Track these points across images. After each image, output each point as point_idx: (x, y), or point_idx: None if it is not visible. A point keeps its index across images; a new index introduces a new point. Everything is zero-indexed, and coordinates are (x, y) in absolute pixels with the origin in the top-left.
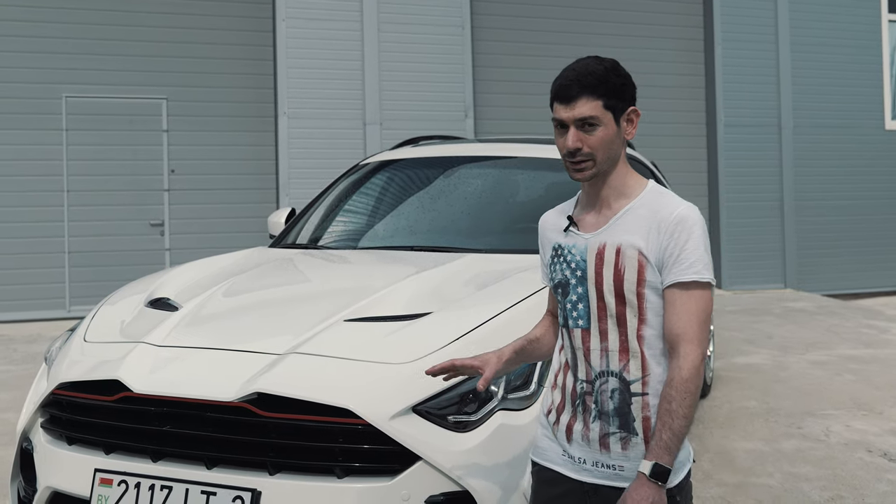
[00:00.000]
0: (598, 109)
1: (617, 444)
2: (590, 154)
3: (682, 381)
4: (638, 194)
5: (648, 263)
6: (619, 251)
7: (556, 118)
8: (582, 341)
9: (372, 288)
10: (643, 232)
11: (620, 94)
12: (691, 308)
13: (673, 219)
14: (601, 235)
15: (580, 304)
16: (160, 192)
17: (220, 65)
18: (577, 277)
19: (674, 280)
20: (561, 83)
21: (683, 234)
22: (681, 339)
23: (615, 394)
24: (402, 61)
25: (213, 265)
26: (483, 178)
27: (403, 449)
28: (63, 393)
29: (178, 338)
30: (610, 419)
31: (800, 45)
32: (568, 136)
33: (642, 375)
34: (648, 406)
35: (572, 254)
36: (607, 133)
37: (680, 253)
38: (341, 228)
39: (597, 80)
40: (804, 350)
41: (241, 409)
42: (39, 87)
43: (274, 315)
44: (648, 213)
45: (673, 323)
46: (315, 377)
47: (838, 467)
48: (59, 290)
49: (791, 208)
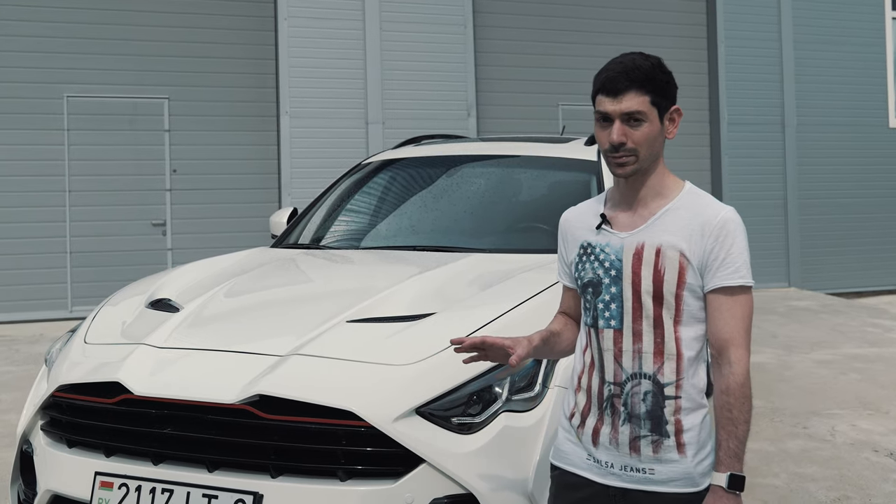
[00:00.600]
0: (646, 105)
1: (648, 447)
2: (633, 149)
3: (738, 387)
4: (676, 195)
5: (690, 266)
6: (660, 252)
7: (601, 111)
8: (613, 342)
9: (374, 288)
10: (684, 233)
11: (666, 92)
12: (737, 312)
13: (717, 222)
14: (639, 235)
15: (613, 305)
16: (162, 192)
17: (221, 64)
18: (610, 277)
19: (720, 284)
20: (608, 76)
21: (728, 237)
22: (730, 343)
23: (648, 396)
24: (405, 60)
25: (214, 265)
26: (486, 177)
27: (407, 451)
28: (63, 395)
29: (180, 339)
30: (641, 422)
31: (803, 42)
32: (613, 129)
33: (676, 378)
34: (681, 409)
35: (606, 252)
36: (652, 129)
37: (726, 257)
38: (344, 228)
39: (644, 75)
40: (809, 349)
41: (242, 412)
42: (41, 87)
43: (276, 316)
44: (689, 214)
45: (720, 328)
46: (317, 379)
47: (844, 467)
48: (61, 291)
49: (795, 207)
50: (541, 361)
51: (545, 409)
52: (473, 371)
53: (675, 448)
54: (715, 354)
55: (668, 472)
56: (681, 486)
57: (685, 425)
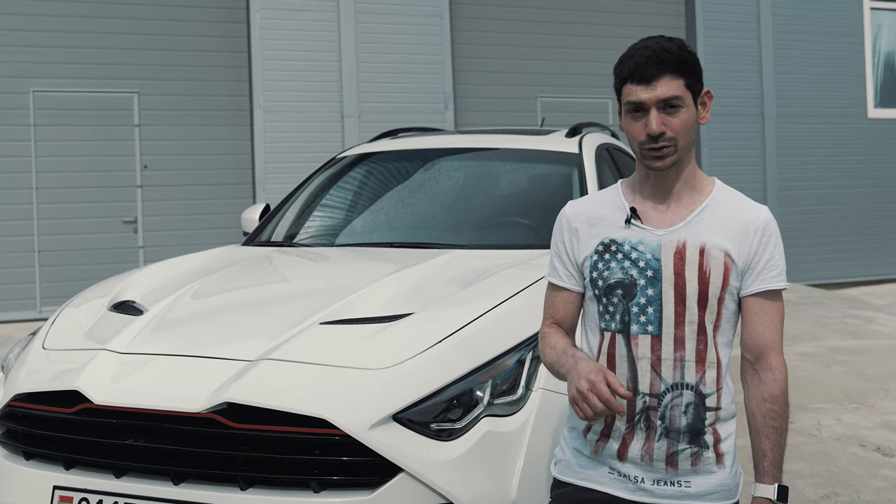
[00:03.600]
0: (681, 89)
1: (686, 460)
2: (673, 139)
3: (782, 394)
4: (710, 191)
5: (734, 267)
6: (704, 252)
7: (633, 101)
8: (651, 349)
9: (349, 288)
10: (727, 233)
11: (697, 74)
12: (776, 317)
13: (761, 223)
14: (679, 233)
15: (650, 308)
16: (133, 189)
17: (193, 57)
18: (647, 278)
19: (763, 288)
20: (636, 62)
21: (772, 239)
22: (770, 349)
23: (689, 408)
24: (380, 52)
25: (181, 265)
26: (465, 170)
27: (384, 460)
28: (20, 405)
29: (143, 344)
30: (680, 436)
31: (782, 33)
32: (650, 118)
33: (717, 388)
34: (720, 419)
35: (639, 251)
36: (689, 115)
37: (769, 259)
38: (318, 225)
39: (676, 57)
40: (791, 342)
41: (209, 421)
42: (5, 82)
43: (245, 318)
44: (730, 213)
45: (760, 333)
46: (288, 385)
47: (831, 463)
48: (28, 291)
49: (774, 198)
50: (523, 363)
51: (529, 412)
52: (453, 374)
53: (715, 459)
54: (752, 360)
55: (706, 485)
56: (718, 498)
57: (722, 434)
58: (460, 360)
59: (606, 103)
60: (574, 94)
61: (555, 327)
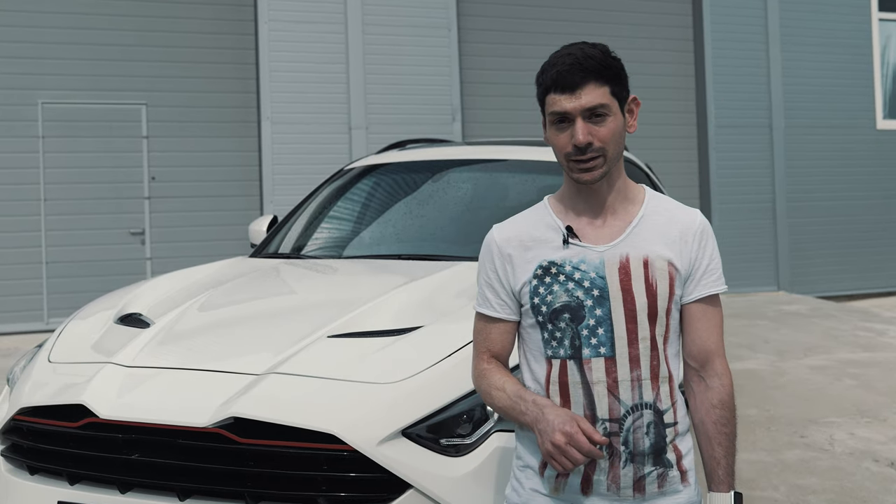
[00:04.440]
0: (607, 97)
1: (653, 483)
2: (601, 149)
3: (730, 399)
4: (643, 200)
5: (678, 276)
6: (648, 264)
7: (557, 111)
8: (606, 372)
9: (358, 300)
10: (668, 241)
11: (622, 81)
12: (717, 321)
13: (697, 227)
14: (620, 247)
15: (600, 329)
16: (140, 200)
17: (201, 69)
18: (593, 298)
19: (705, 293)
20: (560, 70)
21: (710, 242)
22: (715, 354)
23: (651, 429)
24: (388, 64)
25: (188, 277)
26: (473, 182)
27: (393, 476)
28: (24, 419)
29: (149, 357)
30: (645, 458)
31: (790, 44)
32: (576, 129)
33: (672, 402)
34: (678, 434)
35: (582, 270)
36: (617, 124)
37: (709, 263)
38: (325, 236)
39: (599, 64)
40: (802, 355)
41: (216, 436)
42: (14, 93)
43: (252, 331)
44: (666, 220)
45: (705, 339)
46: (296, 399)
47: (845, 478)
48: (36, 302)
49: (783, 209)
50: None
51: None
52: (463, 389)
53: (679, 478)
54: (697, 367)
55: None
56: None
57: (683, 451)
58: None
59: None
60: None
61: (494, 363)
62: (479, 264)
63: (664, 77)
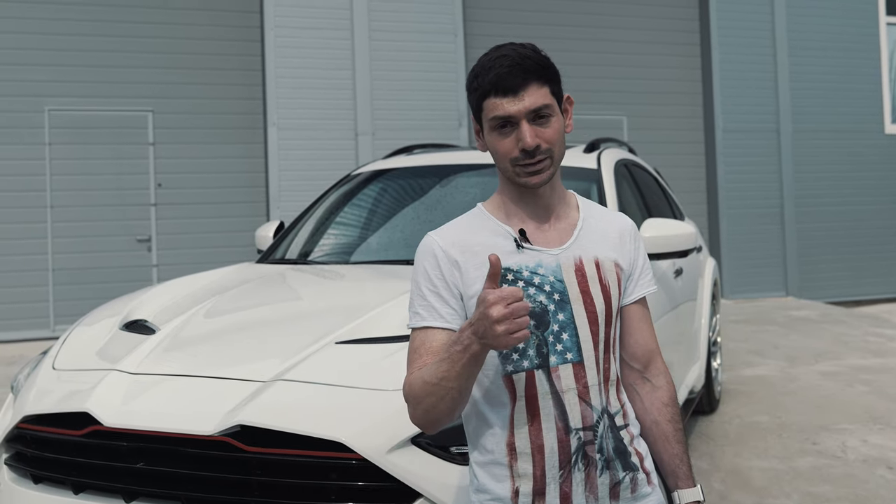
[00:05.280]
0: (548, 97)
1: (627, 489)
2: (549, 150)
3: (675, 395)
4: (577, 203)
5: (623, 276)
6: (599, 264)
7: (500, 116)
8: (576, 379)
9: (366, 306)
10: (612, 243)
11: (558, 79)
12: (651, 321)
13: (630, 228)
14: (572, 249)
15: (564, 334)
16: (147, 207)
17: (207, 75)
18: (555, 302)
19: (642, 293)
20: (499, 73)
21: (641, 243)
22: (655, 353)
23: (610, 432)
24: (394, 70)
25: (194, 283)
26: (481, 186)
27: (402, 485)
28: (28, 427)
29: (154, 364)
30: (617, 463)
31: (797, 48)
32: (522, 132)
33: (621, 404)
34: (633, 436)
35: (541, 274)
36: (560, 124)
37: (644, 264)
38: (333, 242)
39: (537, 64)
40: (813, 360)
41: (222, 444)
42: (21, 100)
43: (259, 338)
44: (604, 223)
45: (646, 339)
46: (304, 407)
47: (859, 486)
48: (42, 309)
49: (791, 214)
50: None
51: None
52: None
53: (646, 480)
54: (641, 369)
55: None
56: None
57: (642, 451)
58: None
59: (621, 120)
60: (588, 111)
61: None
62: (418, 274)
63: (671, 82)
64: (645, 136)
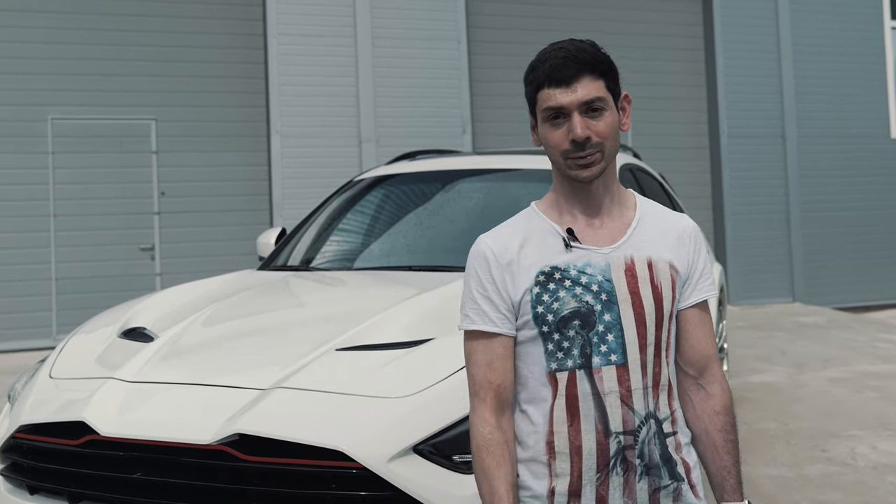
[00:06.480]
0: (603, 90)
1: (668, 497)
2: (600, 144)
3: (731, 404)
4: (635, 203)
5: (679, 279)
6: (651, 265)
7: (552, 106)
8: (619, 381)
9: (367, 312)
10: (668, 244)
11: (615, 76)
12: (711, 326)
13: (691, 230)
14: (624, 249)
15: (609, 335)
16: (150, 216)
17: (210, 83)
18: (602, 302)
19: (701, 297)
20: (553, 64)
21: (702, 246)
22: (712, 360)
23: (656, 438)
24: (398, 77)
25: (194, 291)
26: (484, 191)
27: (403, 494)
28: (24, 436)
29: (152, 372)
30: (660, 471)
31: (802, 53)
32: (574, 123)
33: (671, 411)
34: (681, 445)
35: (588, 274)
36: (614, 119)
37: (703, 267)
38: (335, 248)
39: (593, 57)
40: (820, 367)
41: (220, 453)
42: (24, 109)
43: (258, 345)
44: (661, 223)
45: (703, 345)
46: (303, 415)
47: (869, 493)
48: (45, 319)
49: (797, 220)
50: None
51: None
52: None
53: (691, 492)
54: (696, 375)
55: None
56: None
57: (690, 463)
58: None
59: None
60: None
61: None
62: (469, 278)
63: (676, 87)
64: (650, 142)
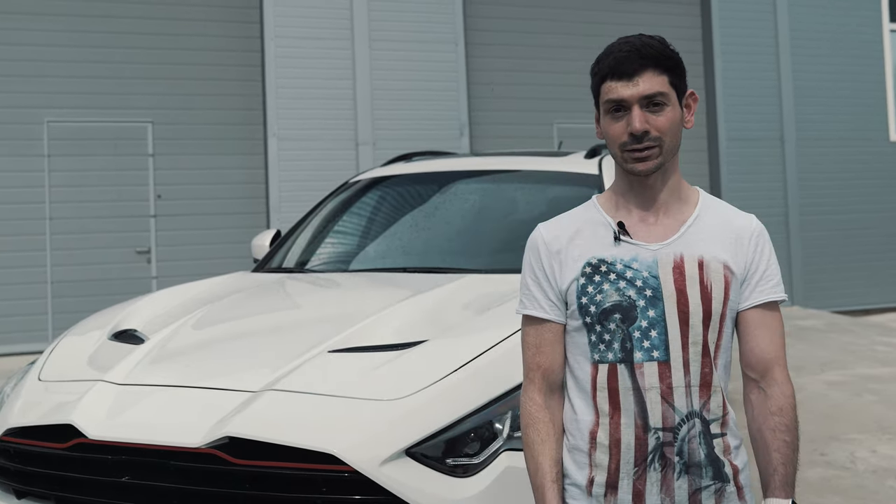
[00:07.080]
0: (665, 85)
1: (710, 498)
2: (658, 138)
3: (791, 408)
4: (696, 200)
5: (734, 279)
6: (703, 265)
7: (613, 99)
8: (660, 378)
9: (360, 314)
10: (724, 244)
11: (681, 72)
12: (778, 329)
13: (754, 230)
14: (674, 246)
15: (653, 331)
16: (146, 219)
17: (206, 86)
18: (646, 298)
19: (764, 299)
20: (617, 56)
21: (766, 247)
22: (776, 364)
23: (703, 438)
24: (395, 79)
25: (186, 293)
26: (481, 193)
27: (396, 499)
28: (11, 440)
29: (141, 375)
30: (702, 471)
31: (801, 56)
32: (632, 116)
33: (723, 414)
34: (730, 448)
35: (634, 269)
36: (675, 115)
37: (766, 269)
38: (330, 250)
39: (658, 52)
40: (819, 370)
41: (210, 457)
42: (20, 112)
43: (249, 347)
44: (721, 222)
45: (764, 347)
46: (294, 418)
47: (869, 497)
48: (41, 322)
49: (796, 223)
50: None
51: None
52: (470, 406)
53: (736, 494)
54: (757, 378)
55: None
56: None
57: (739, 465)
58: (477, 391)
59: None
60: (590, 118)
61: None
62: (524, 265)
63: None
64: None
